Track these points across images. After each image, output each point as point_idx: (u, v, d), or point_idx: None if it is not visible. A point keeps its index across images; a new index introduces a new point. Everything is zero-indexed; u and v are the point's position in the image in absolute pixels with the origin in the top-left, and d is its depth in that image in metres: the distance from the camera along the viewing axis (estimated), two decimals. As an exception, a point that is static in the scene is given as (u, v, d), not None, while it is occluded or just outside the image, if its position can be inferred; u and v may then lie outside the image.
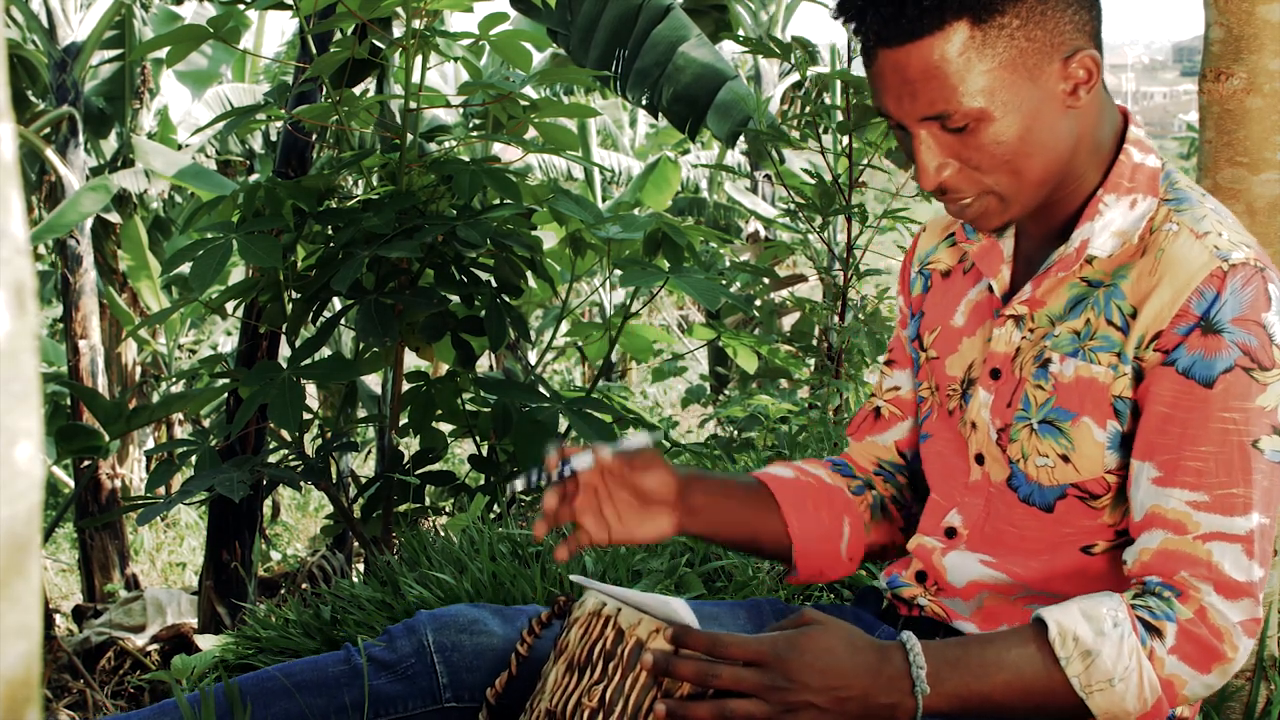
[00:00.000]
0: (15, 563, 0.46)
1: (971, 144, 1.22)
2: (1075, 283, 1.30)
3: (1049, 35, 1.20)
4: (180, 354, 10.96)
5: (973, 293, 1.42)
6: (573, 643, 1.21)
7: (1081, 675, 1.17)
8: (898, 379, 1.54)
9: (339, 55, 3.42)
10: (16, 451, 0.46)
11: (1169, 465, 1.22)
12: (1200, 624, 1.18)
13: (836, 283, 4.82)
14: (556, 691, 1.20)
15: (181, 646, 5.13)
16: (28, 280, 0.47)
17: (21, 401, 0.46)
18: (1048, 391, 1.29)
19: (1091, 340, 1.27)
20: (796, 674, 1.13)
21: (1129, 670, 1.16)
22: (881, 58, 1.21)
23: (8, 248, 0.46)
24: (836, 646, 1.15)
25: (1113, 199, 1.28)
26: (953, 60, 1.18)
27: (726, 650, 1.13)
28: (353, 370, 3.53)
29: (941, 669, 1.17)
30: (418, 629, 1.43)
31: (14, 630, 0.46)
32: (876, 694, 1.15)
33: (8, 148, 0.47)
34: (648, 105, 5.42)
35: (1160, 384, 1.23)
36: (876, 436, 1.55)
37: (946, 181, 1.25)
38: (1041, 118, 1.22)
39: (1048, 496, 1.31)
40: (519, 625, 1.43)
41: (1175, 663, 1.17)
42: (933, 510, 1.43)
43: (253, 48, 11.11)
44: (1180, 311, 1.22)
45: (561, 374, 12.91)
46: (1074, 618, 1.18)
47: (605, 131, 13.06)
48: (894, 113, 1.24)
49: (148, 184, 7.99)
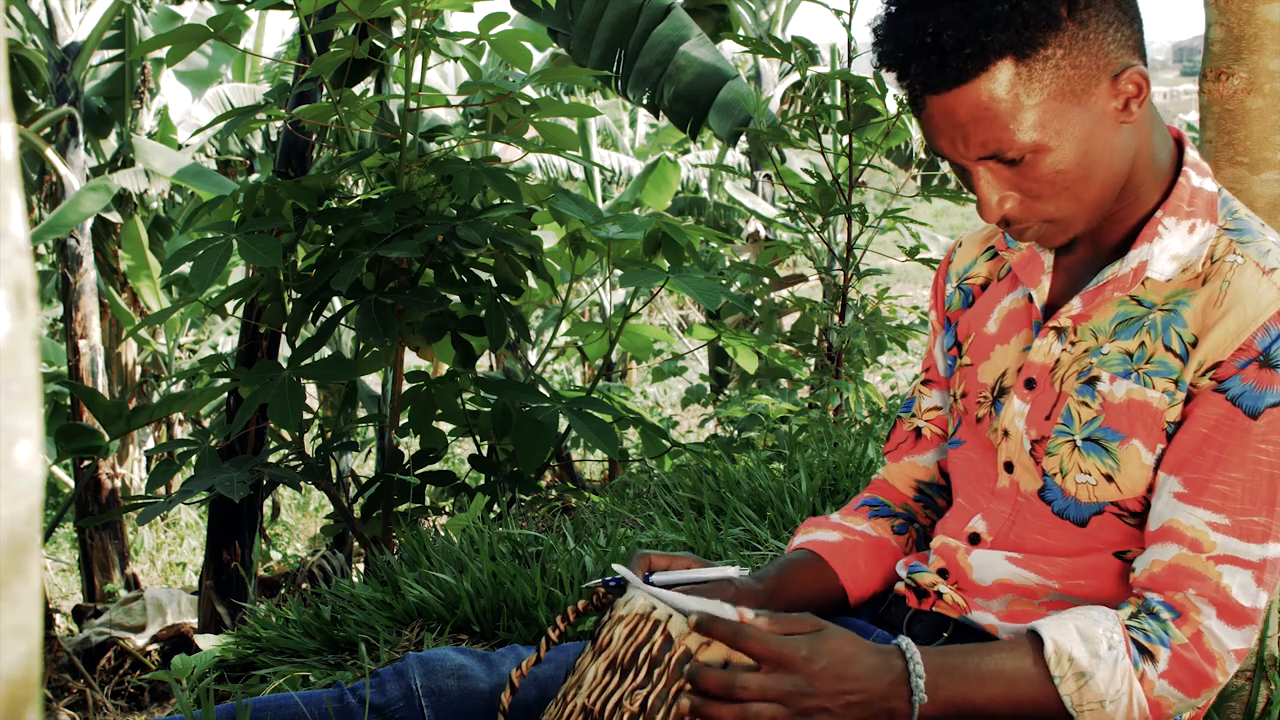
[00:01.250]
0: (15, 563, 0.46)
1: (1031, 175, 1.22)
2: (1125, 300, 1.30)
3: (1094, 59, 1.19)
4: (180, 354, 10.96)
5: (1007, 300, 1.42)
6: (616, 641, 1.21)
7: (1074, 695, 1.19)
8: (936, 399, 1.54)
9: (339, 55, 3.42)
10: (16, 451, 0.46)
11: (1196, 484, 1.23)
12: (1194, 649, 1.20)
13: (836, 283, 4.83)
14: (595, 689, 1.21)
15: (182, 646, 5.13)
16: (28, 280, 0.47)
17: (21, 401, 0.46)
18: (1094, 410, 1.29)
19: (1147, 364, 1.27)
20: (817, 680, 1.14)
21: (1120, 694, 1.18)
22: (930, 105, 1.21)
23: (8, 247, 0.46)
24: (852, 651, 1.16)
25: (1172, 222, 1.28)
26: (1001, 99, 1.18)
27: (747, 645, 1.14)
28: (353, 370, 3.53)
29: (939, 677, 1.18)
30: (406, 673, 1.45)
31: (14, 630, 0.46)
32: (879, 699, 1.16)
33: (8, 148, 0.47)
34: (649, 105, 5.43)
35: (1205, 406, 1.23)
36: (917, 458, 1.55)
37: (1009, 213, 1.25)
38: (1097, 138, 1.22)
39: (1084, 512, 1.31)
40: (503, 671, 1.45)
41: (1165, 686, 1.19)
42: (957, 514, 1.43)
43: (253, 48, 11.11)
44: (1244, 346, 1.22)
45: (561, 374, 12.91)
46: (1071, 637, 1.19)
47: (605, 131, 13.06)
48: (950, 154, 1.24)
49: (148, 184, 7.99)
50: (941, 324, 1.52)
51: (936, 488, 1.55)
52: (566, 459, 5.20)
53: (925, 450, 1.54)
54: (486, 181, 3.35)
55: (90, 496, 7.41)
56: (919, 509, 1.55)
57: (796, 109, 8.68)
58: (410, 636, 2.26)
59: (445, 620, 2.27)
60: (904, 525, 1.54)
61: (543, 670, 1.43)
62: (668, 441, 3.92)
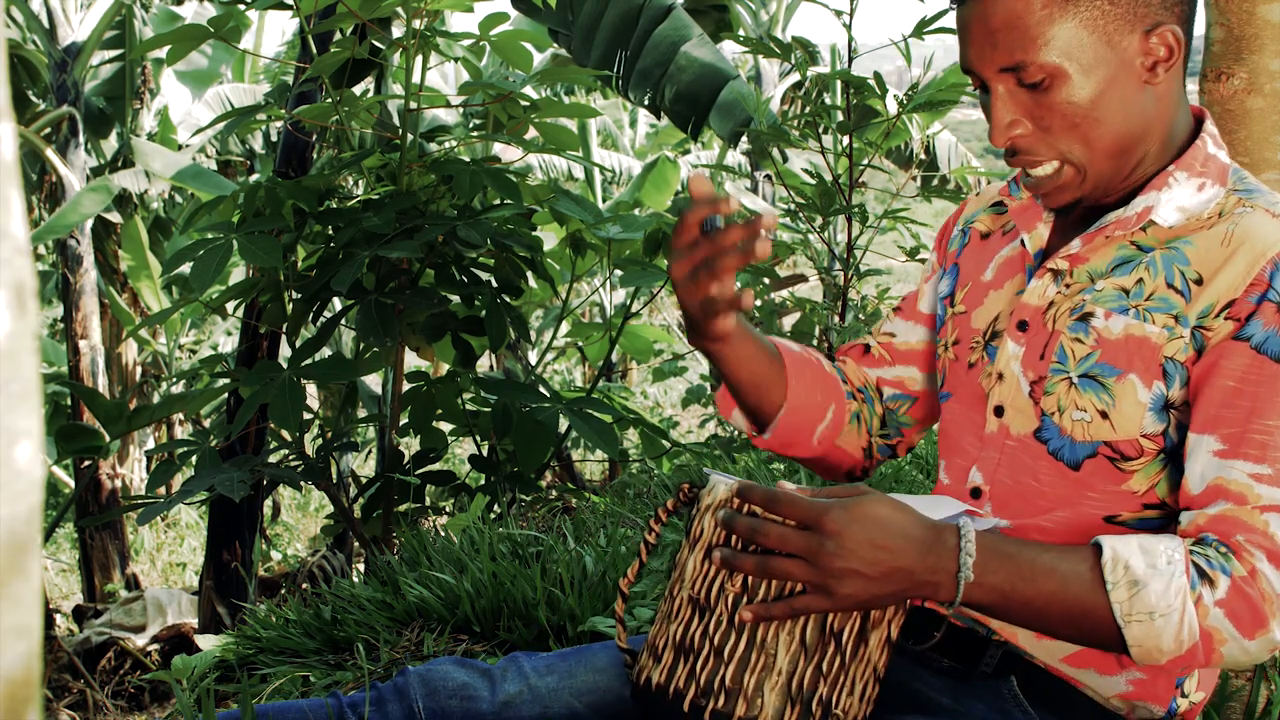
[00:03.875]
0: (16, 563, 0.46)
1: (1045, 102, 1.24)
2: (1125, 244, 1.30)
3: (1133, 4, 1.22)
4: (180, 354, 10.96)
5: (1006, 250, 1.43)
6: (708, 530, 1.22)
7: (1124, 603, 1.15)
8: (897, 327, 1.56)
9: (339, 55, 3.42)
10: (17, 451, 0.46)
11: (1233, 439, 1.20)
12: (1252, 584, 1.15)
13: (837, 283, 4.83)
14: (697, 579, 1.22)
15: (182, 646, 5.13)
16: (28, 280, 0.47)
17: (22, 401, 0.46)
18: (1089, 346, 1.29)
19: (1146, 301, 1.26)
20: (846, 540, 1.12)
21: (1172, 610, 1.14)
22: (970, 6, 1.25)
23: (8, 248, 0.46)
24: (890, 517, 1.14)
25: (1183, 176, 1.28)
26: (1035, 12, 1.22)
27: (780, 507, 1.14)
28: (353, 370, 3.53)
29: (990, 560, 1.16)
30: (408, 693, 1.44)
31: (14, 630, 0.46)
32: (922, 571, 1.14)
33: (8, 148, 0.47)
34: (649, 105, 5.43)
35: (1230, 358, 1.21)
36: (860, 365, 1.58)
37: (1018, 141, 1.27)
38: (1117, 86, 1.24)
39: (1078, 453, 1.30)
40: (506, 689, 1.43)
41: (1220, 616, 1.15)
42: (956, 474, 1.42)
43: (253, 48, 11.12)
44: (1255, 280, 1.21)
45: (562, 374, 12.91)
46: (1130, 548, 1.16)
47: (605, 131, 13.06)
48: (975, 64, 1.26)
49: (148, 184, 7.99)
50: (939, 265, 1.54)
51: (874, 397, 1.57)
52: (567, 459, 5.21)
53: (869, 366, 1.57)
54: (487, 182, 3.35)
55: (90, 497, 7.41)
56: (861, 399, 1.56)
57: (797, 109, 8.69)
58: (410, 637, 2.26)
59: (445, 620, 2.27)
60: (851, 394, 1.55)
61: (544, 683, 1.43)
62: (668, 442, 3.92)
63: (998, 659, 1.33)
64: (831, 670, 1.19)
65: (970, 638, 1.35)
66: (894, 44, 4.34)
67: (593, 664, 1.45)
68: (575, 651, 1.48)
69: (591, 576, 2.33)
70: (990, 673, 1.34)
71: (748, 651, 1.19)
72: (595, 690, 1.43)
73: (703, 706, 1.20)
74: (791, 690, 1.19)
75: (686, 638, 1.22)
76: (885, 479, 3.17)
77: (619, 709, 1.42)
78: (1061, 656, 1.31)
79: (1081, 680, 1.31)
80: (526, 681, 1.43)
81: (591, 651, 1.48)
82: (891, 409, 1.56)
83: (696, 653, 1.21)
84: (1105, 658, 1.31)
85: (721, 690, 1.19)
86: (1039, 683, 1.32)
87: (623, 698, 1.42)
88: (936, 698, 1.34)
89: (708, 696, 1.20)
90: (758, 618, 1.17)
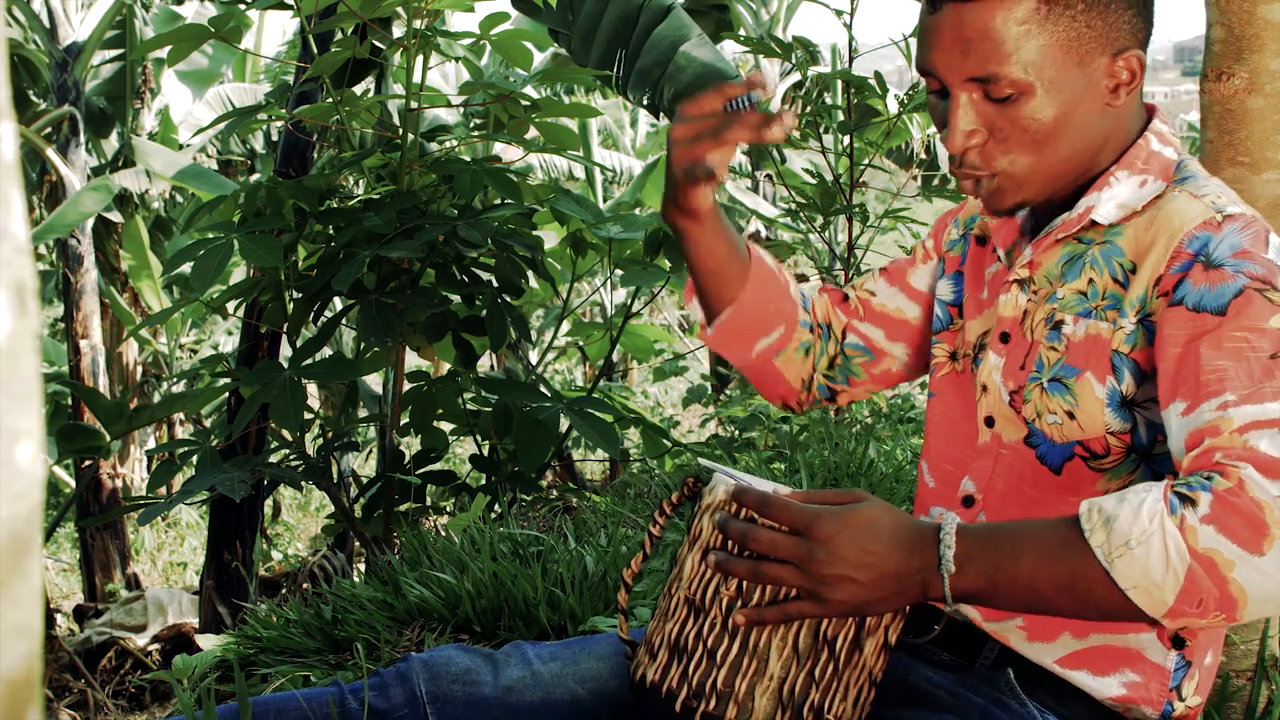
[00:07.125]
0: (16, 563, 0.46)
1: (1008, 115, 1.24)
2: (1070, 242, 1.32)
3: (1106, 28, 1.24)
4: (181, 354, 10.96)
5: (995, 265, 1.45)
6: (706, 531, 1.22)
7: (1104, 544, 1.09)
8: (878, 288, 1.57)
9: (340, 55, 3.42)
10: (17, 451, 0.46)
11: (1191, 391, 1.17)
12: (1240, 494, 1.07)
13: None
14: (693, 579, 1.22)
15: (182, 646, 5.13)
16: (29, 280, 0.47)
17: (22, 401, 0.46)
18: (1060, 352, 1.30)
19: (1101, 300, 1.28)
20: (837, 546, 1.12)
21: (1147, 534, 1.08)
22: (945, 11, 1.24)
23: (9, 247, 0.46)
24: (880, 521, 1.14)
25: (1124, 174, 1.30)
26: (1013, 27, 1.22)
27: (772, 512, 1.14)
28: (353, 370, 3.53)
29: (971, 547, 1.13)
30: (410, 677, 1.43)
31: (15, 630, 0.46)
32: (909, 572, 1.13)
33: (8, 147, 0.47)
34: (649, 105, 5.42)
35: (1173, 324, 1.20)
36: (836, 309, 1.59)
37: (970, 150, 1.27)
38: (1081, 107, 1.25)
39: (1057, 456, 1.31)
40: (509, 674, 1.42)
41: (1212, 534, 1.07)
42: (945, 480, 1.42)
43: (253, 47, 11.12)
44: (1175, 253, 1.22)
45: (562, 374, 12.91)
46: (1108, 498, 1.12)
47: (606, 131, 13.06)
48: (940, 69, 1.26)
49: (149, 184, 7.99)
50: (931, 254, 1.55)
51: (836, 337, 1.57)
52: (567, 459, 5.21)
53: (841, 310, 1.58)
54: (487, 181, 3.35)
55: (91, 496, 7.41)
56: (819, 335, 1.57)
57: (797, 109, 8.68)
58: (411, 636, 2.26)
59: (446, 620, 2.27)
60: (808, 324, 1.56)
61: (547, 669, 1.43)
62: (669, 441, 3.92)
63: (995, 652, 1.34)
64: (824, 676, 1.19)
65: (969, 632, 1.35)
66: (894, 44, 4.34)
67: (596, 651, 1.45)
68: (579, 640, 1.48)
69: (592, 576, 2.33)
70: (989, 666, 1.34)
71: (740, 655, 1.19)
72: (598, 677, 1.43)
73: (694, 708, 1.20)
74: (783, 695, 1.19)
75: (681, 638, 1.22)
76: (885, 479, 3.17)
77: (622, 696, 1.42)
78: (1054, 658, 1.31)
79: (1075, 682, 1.31)
80: (530, 667, 1.43)
81: (595, 640, 1.48)
82: (849, 355, 1.57)
83: (690, 654, 1.21)
84: (1098, 658, 1.30)
85: (713, 693, 1.19)
86: (1036, 674, 1.32)
87: (625, 685, 1.42)
88: (934, 690, 1.35)
89: (699, 698, 1.20)
90: (751, 622, 1.17)
